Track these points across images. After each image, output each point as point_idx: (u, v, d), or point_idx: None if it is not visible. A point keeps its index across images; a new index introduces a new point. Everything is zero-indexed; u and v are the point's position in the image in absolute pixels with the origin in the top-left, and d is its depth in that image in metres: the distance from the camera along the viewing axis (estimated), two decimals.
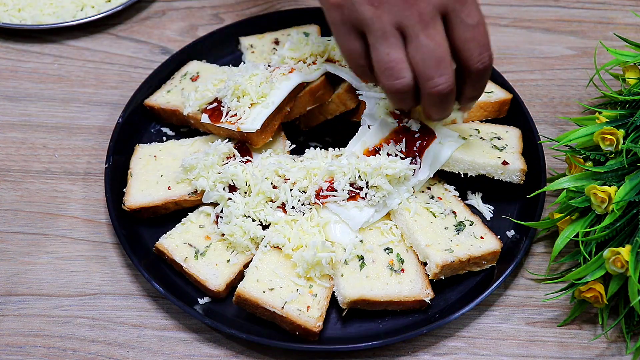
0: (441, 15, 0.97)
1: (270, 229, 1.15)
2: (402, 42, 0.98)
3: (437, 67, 0.98)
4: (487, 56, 1.01)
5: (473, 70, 1.02)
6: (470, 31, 0.98)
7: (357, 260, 1.13)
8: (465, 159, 1.19)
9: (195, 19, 1.52)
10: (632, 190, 1.07)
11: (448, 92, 1.00)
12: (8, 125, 1.36)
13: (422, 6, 0.96)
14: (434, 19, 0.97)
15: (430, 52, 0.97)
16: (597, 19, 1.50)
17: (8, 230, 1.23)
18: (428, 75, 0.98)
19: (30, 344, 1.12)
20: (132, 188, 1.21)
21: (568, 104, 1.38)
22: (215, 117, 1.22)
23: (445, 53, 0.98)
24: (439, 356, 1.11)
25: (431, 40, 0.97)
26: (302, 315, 1.07)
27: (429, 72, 0.98)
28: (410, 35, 0.97)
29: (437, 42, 0.97)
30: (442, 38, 0.98)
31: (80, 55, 1.46)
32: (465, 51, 1.00)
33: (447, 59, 0.98)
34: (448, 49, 0.99)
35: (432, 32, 0.97)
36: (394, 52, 0.98)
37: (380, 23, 0.97)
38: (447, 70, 0.99)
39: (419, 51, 0.97)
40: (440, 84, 0.99)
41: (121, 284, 1.18)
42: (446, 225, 1.16)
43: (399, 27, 0.97)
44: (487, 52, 1.01)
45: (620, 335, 1.11)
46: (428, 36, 0.97)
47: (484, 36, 1.00)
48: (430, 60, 0.97)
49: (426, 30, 0.96)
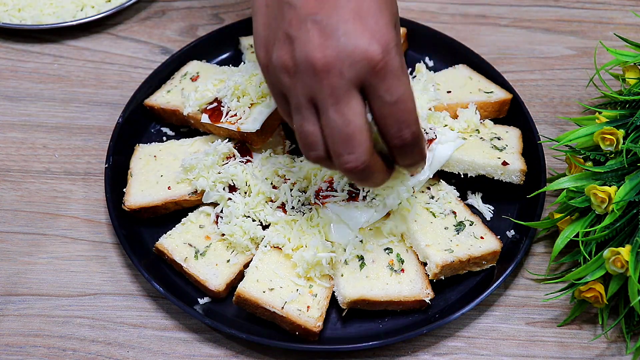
0: (358, 88, 0.90)
1: (270, 229, 1.15)
2: (316, 115, 0.93)
3: (345, 145, 0.91)
4: (408, 133, 0.93)
5: (393, 145, 0.95)
6: (388, 108, 0.91)
7: (357, 260, 1.13)
8: (465, 159, 1.19)
9: (195, 19, 1.52)
10: (632, 190, 1.07)
11: (359, 170, 0.93)
12: (8, 125, 1.36)
13: (333, 80, 0.89)
14: (347, 94, 0.90)
15: (338, 128, 0.90)
16: (597, 19, 1.50)
17: (8, 230, 1.23)
18: (336, 152, 0.92)
19: (30, 344, 1.12)
20: (132, 188, 1.21)
21: (568, 104, 1.38)
22: (215, 117, 1.22)
23: (355, 130, 0.91)
24: (439, 356, 1.11)
25: (340, 117, 0.90)
26: (302, 315, 1.07)
27: (337, 149, 0.92)
28: (321, 109, 0.91)
29: (346, 120, 0.90)
30: (354, 114, 0.90)
31: (80, 55, 1.46)
32: (382, 127, 0.93)
33: (357, 136, 0.91)
34: (362, 125, 0.91)
35: (343, 108, 0.90)
36: (306, 125, 0.93)
37: (295, 93, 0.92)
38: (356, 149, 0.91)
39: (328, 127, 0.91)
40: (349, 162, 0.92)
41: (121, 284, 1.18)
42: (446, 225, 1.16)
43: (311, 100, 0.92)
44: (406, 128, 0.93)
45: (620, 335, 1.11)
46: (338, 112, 0.90)
47: (405, 112, 0.92)
48: (339, 137, 0.91)
49: (337, 105, 0.90)
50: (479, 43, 1.46)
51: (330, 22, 0.88)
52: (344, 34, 0.88)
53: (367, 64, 0.88)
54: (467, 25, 1.49)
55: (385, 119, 0.92)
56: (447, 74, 1.35)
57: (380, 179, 0.98)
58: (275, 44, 0.93)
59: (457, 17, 1.51)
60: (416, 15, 1.50)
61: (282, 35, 0.91)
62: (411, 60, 1.39)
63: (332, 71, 0.89)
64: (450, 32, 1.43)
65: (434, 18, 1.50)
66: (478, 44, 1.45)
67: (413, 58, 1.40)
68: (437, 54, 1.40)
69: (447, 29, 1.45)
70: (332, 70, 0.89)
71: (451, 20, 1.50)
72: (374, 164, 0.94)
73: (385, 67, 0.89)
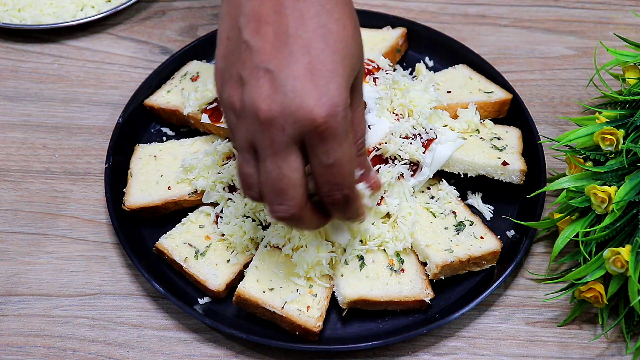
0: (299, 144, 0.91)
1: (270, 229, 1.15)
2: (255, 160, 0.94)
3: (276, 196, 0.93)
4: (339, 195, 0.95)
5: (324, 202, 0.97)
6: (323, 169, 0.92)
7: (357, 260, 1.13)
8: (465, 159, 1.19)
9: (195, 19, 1.52)
10: (632, 190, 1.07)
11: (287, 219, 0.96)
12: (8, 125, 1.36)
13: (275, 134, 0.90)
14: (286, 149, 0.90)
15: (271, 180, 0.92)
16: (597, 19, 1.50)
17: (8, 230, 1.23)
18: (268, 200, 0.95)
19: (30, 344, 1.12)
20: (132, 188, 1.21)
21: (568, 104, 1.38)
22: (215, 117, 1.22)
23: (288, 185, 0.92)
24: (439, 356, 1.11)
25: (276, 169, 0.91)
26: (302, 315, 1.07)
27: (269, 198, 0.94)
28: (260, 157, 0.92)
29: (280, 173, 0.91)
30: (289, 169, 0.92)
31: (80, 55, 1.46)
32: (316, 184, 0.95)
33: (289, 191, 0.92)
34: (296, 179, 0.92)
35: (280, 162, 0.91)
36: (245, 167, 0.95)
37: (238, 135, 0.94)
38: (287, 202, 0.93)
39: (264, 175, 0.93)
40: (278, 211, 0.94)
41: (121, 284, 1.18)
42: (446, 225, 1.16)
43: (252, 145, 0.93)
44: (337, 190, 0.94)
45: (620, 335, 1.11)
46: (274, 164, 0.91)
47: (338, 176, 0.93)
48: (271, 188, 0.93)
49: (274, 157, 0.91)
50: (479, 43, 1.46)
51: (281, 76, 0.88)
52: (292, 90, 0.88)
53: (309, 124, 0.89)
54: (467, 25, 1.49)
55: (319, 177, 0.93)
56: (447, 74, 1.35)
57: (313, 226, 1.00)
58: (228, 80, 0.93)
59: (457, 17, 1.51)
60: (416, 15, 1.50)
61: (236, 75, 0.92)
62: (411, 60, 1.39)
63: (274, 125, 0.89)
64: (450, 32, 1.43)
65: (434, 18, 1.50)
66: (478, 44, 1.45)
67: (413, 58, 1.40)
68: (437, 54, 1.40)
69: (447, 29, 1.46)
70: (275, 124, 0.89)
71: (451, 20, 1.50)
72: (303, 216, 0.96)
73: (327, 130, 0.89)
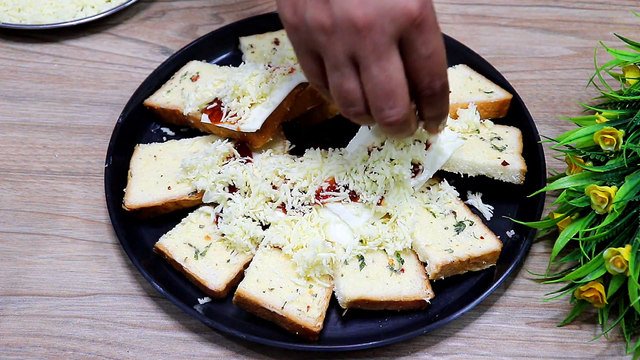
0: (397, 44, 0.94)
1: (270, 229, 1.15)
2: (356, 72, 0.95)
3: (387, 100, 0.95)
4: (438, 84, 0.98)
5: (423, 96, 1.00)
6: (423, 61, 0.95)
7: (357, 260, 1.13)
8: (465, 159, 1.19)
9: (195, 19, 1.52)
10: (632, 190, 1.07)
11: (399, 123, 0.98)
12: (8, 125, 1.36)
13: (376, 37, 0.92)
14: (388, 50, 0.93)
15: (381, 84, 0.94)
16: (597, 19, 1.50)
17: (8, 230, 1.23)
18: (378, 107, 0.96)
19: (30, 344, 1.12)
20: (132, 188, 1.21)
21: (568, 104, 1.38)
22: (215, 117, 1.22)
23: (397, 85, 0.95)
24: (439, 356, 1.11)
25: (383, 73, 0.93)
26: (302, 315, 1.07)
27: (379, 104, 0.96)
28: (363, 65, 0.94)
29: (388, 75, 0.93)
30: (395, 69, 0.94)
31: (80, 55, 1.46)
32: (415, 79, 0.97)
33: (398, 91, 0.95)
34: (402, 79, 0.95)
35: (385, 64, 0.93)
36: (346, 82, 0.96)
37: (333, 52, 0.94)
38: (398, 103, 0.96)
39: (371, 82, 0.94)
40: (391, 116, 0.96)
41: (121, 284, 1.18)
42: (446, 225, 1.16)
43: (351, 57, 0.94)
44: (438, 80, 0.98)
45: (620, 335, 1.11)
46: (380, 68, 0.93)
47: (437, 65, 0.96)
48: (381, 92, 0.94)
49: (379, 62, 0.93)
50: (479, 43, 1.46)
51: None
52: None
53: (406, 19, 0.91)
54: (467, 25, 1.49)
55: (419, 71, 0.96)
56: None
57: (413, 130, 1.04)
58: (306, 2, 0.94)
59: (457, 17, 1.51)
60: None
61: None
62: None
63: (374, 28, 0.91)
64: (450, 32, 1.43)
65: None
66: (478, 44, 1.45)
67: None
68: None
69: (447, 29, 1.46)
70: (374, 28, 0.91)
71: (451, 20, 1.50)
72: (411, 117, 0.99)
73: (423, 21, 0.92)
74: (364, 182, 1.14)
